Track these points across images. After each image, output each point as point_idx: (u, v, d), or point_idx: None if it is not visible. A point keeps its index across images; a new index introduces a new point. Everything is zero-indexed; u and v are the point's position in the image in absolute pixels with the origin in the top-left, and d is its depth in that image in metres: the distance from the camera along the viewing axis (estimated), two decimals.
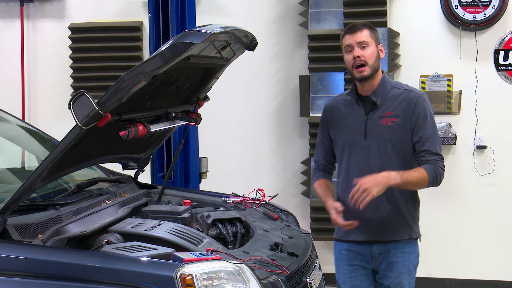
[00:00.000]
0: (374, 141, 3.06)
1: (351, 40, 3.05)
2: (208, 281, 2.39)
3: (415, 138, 3.04)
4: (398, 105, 3.06)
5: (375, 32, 3.11)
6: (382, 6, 5.22)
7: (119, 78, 2.60)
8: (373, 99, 3.08)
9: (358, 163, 3.09)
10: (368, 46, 3.04)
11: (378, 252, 3.12)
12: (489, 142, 5.33)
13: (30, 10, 6.04)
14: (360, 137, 3.08)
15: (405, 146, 3.05)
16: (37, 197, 3.10)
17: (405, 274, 3.12)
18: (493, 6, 5.20)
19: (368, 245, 3.12)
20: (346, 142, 3.13)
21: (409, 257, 3.13)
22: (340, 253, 3.22)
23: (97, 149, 3.16)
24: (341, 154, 3.16)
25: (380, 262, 3.13)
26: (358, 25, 3.08)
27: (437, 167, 3.00)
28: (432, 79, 5.33)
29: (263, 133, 5.76)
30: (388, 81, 3.13)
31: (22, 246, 2.60)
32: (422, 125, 3.03)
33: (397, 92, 3.09)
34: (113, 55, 5.82)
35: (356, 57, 3.02)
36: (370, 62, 3.03)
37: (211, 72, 3.42)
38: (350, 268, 3.18)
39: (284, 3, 5.64)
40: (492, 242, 5.37)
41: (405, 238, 3.11)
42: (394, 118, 3.04)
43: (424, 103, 3.06)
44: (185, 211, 3.43)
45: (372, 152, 3.05)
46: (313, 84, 5.34)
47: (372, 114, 3.08)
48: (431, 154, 3.02)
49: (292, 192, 5.67)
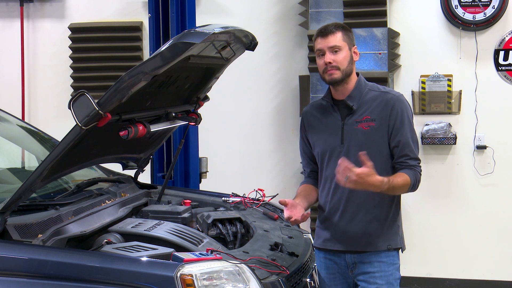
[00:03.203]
0: (351, 146, 2.91)
1: (322, 45, 2.90)
2: (208, 281, 2.39)
3: (393, 142, 2.91)
4: (375, 108, 2.92)
5: (349, 33, 2.96)
6: (382, 6, 5.23)
7: (119, 78, 2.60)
8: (349, 103, 2.94)
9: (335, 169, 2.85)
10: (340, 50, 2.89)
11: (352, 262, 2.96)
12: (489, 142, 5.32)
13: (30, 10, 6.04)
14: (337, 143, 2.95)
15: (382, 151, 2.92)
16: (37, 197, 3.10)
17: (384, 286, 2.92)
18: (493, 6, 5.20)
19: (342, 255, 2.98)
20: (324, 149, 2.99)
21: (387, 268, 2.94)
22: (319, 260, 3.09)
23: (97, 149, 3.16)
24: (320, 161, 3.03)
25: (357, 273, 2.97)
26: (330, 27, 2.92)
27: (416, 173, 2.90)
28: (432, 79, 5.33)
29: (263, 133, 5.76)
30: (364, 84, 2.99)
31: (22, 246, 2.60)
32: (400, 129, 2.89)
33: (374, 95, 2.95)
34: (113, 55, 5.82)
35: (328, 63, 2.89)
36: (342, 66, 2.89)
37: (211, 72, 3.42)
38: (330, 276, 3.05)
39: (284, 3, 5.64)
40: (492, 242, 5.36)
41: (383, 249, 2.94)
42: (370, 123, 2.91)
43: (402, 105, 2.92)
44: (185, 211, 3.43)
45: (350, 158, 2.85)
46: (313, 84, 5.34)
47: (349, 119, 2.94)
48: (411, 159, 2.90)
49: (292, 192, 5.61)
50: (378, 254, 2.93)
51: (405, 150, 2.90)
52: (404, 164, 2.90)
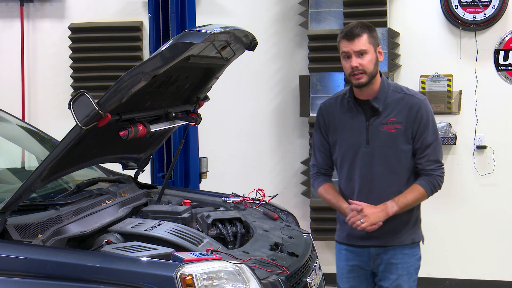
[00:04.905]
0: (377, 147, 3.01)
1: (348, 48, 2.94)
2: (208, 281, 2.39)
3: (416, 144, 3.01)
4: (400, 111, 3.00)
5: (374, 33, 3.00)
6: (382, 6, 5.22)
7: (119, 78, 2.60)
8: (374, 105, 3.01)
9: (360, 169, 3.05)
10: (366, 53, 2.93)
11: (376, 253, 3.10)
12: (489, 142, 5.32)
13: (30, 10, 6.04)
14: (362, 143, 3.03)
15: (407, 153, 3.03)
16: (37, 197, 3.09)
17: (405, 276, 3.08)
18: (493, 6, 5.20)
19: (367, 248, 3.11)
20: (348, 148, 3.07)
21: (409, 259, 3.10)
22: (339, 253, 3.23)
23: (97, 149, 3.15)
24: (342, 160, 3.11)
25: (378, 264, 3.11)
26: (357, 30, 2.93)
27: (433, 178, 3.02)
28: (432, 79, 5.33)
29: (263, 133, 5.75)
30: (387, 85, 3.06)
31: (22, 246, 2.60)
32: (424, 132, 3.00)
33: (398, 97, 3.03)
34: (113, 55, 5.82)
35: (354, 67, 2.93)
36: (368, 70, 2.94)
37: (211, 72, 3.42)
38: (348, 268, 3.18)
39: (284, 3, 5.64)
40: (492, 242, 5.37)
41: (407, 243, 3.09)
42: (397, 125, 3.00)
43: (427, 108, 3.03)
44: (185, 211, 3.43)
45: (375, 158, 3.01)
46: (313, 84, 5.34)
47: (374, 120, 3.02)
48: (431, 161, 3.01)
49: (292, 192, 5.67)
50: (402, 247, 3.08)
51: (426, 151, 3.00)
52: (422, 167, 3.02)
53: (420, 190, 3.01)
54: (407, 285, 3.09)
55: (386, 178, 3.03)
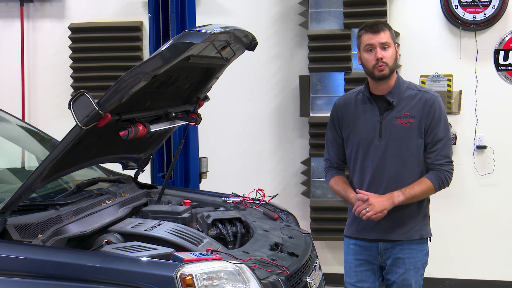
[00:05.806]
0: (390, 141, 3.09)
1: (373, 40, 3.05)
2: (208, 281, 2.39)
3: (428, 138, 3.09)
4: (414, 106, 3.09)
5: (393, 32, 3.14)
6: (382, 6, 5.22)
7: (119, 78, 2.60)
8: (389, 99, 3.11)
9: (372, 162, 3.12)
10: (389, 47, 3.06)
11: (385, 248, 3.16)
12: (489, 142, 5.33)
13: (30, 10, 6.04)
14: (375, 136, 3.11)
15: (420, 146, 3.10)
16: (37, 197, 3.10)
17: (412, 271, 3.15)
18: (493, 6, 5.20)
19: (375, 243, 3.18)
20: (360, 141, 3.15)
21: (417, 254, 3.16)
22: (347, 247, 3.28)
23: (97, 149, 3.16)
24: (355, 153, 3.19)
25: (386, 258, 3.16)
26: (380, 25, 3.08)
27: (441, 173, 3.09)
28: (432, 79, 5.33)
29: (263, 133, 5.75)
30: (402, 82, 3.17)
31: (22, 246, 2.60)
32: (436, 127, 3.08)
33: (412, 93, 3.13)
34: (113, 55, 5.82)
35: (379, 59, 3.04)
36: (390, 63, 3.07)
37: (211, 72, 3.42)
38: (356, 262, 3.23)
39: (284, 3, 5.64)
40: (492, 242, 5.37)
41: (415, 238, 3.15)
42: (410, 119, 3.08)
43: (440, 105, 3.12)
44: (185, 211, 3.43)
45: (388, 151, 3.09)
46: (313, 84, 5.34)
47: (387, 114, 3.11)
48: (441, 156, 3.08)
49: (292, 192, 5.67)
50: (410, 242, 3.14)
51: (436, 146, 3.08)
52: (431, 162, 3.10)
53: (428, 183, 3.07)
54: (414, 279, 3.17)
55: (398, 171, 3.09)
